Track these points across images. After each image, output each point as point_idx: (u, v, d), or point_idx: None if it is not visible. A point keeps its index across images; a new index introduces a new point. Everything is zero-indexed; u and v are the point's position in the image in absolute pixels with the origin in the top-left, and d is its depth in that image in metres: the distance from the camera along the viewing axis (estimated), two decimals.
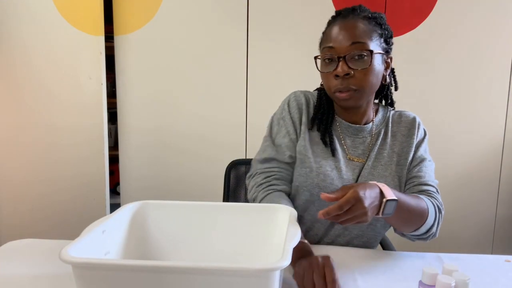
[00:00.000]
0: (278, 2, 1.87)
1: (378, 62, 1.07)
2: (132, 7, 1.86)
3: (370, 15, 1.08)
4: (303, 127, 1.17)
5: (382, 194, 0.93)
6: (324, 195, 0.89)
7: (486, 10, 1.90)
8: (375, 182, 0.95)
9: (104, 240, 0.84)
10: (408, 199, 1.03)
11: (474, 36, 1.92)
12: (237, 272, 0.68)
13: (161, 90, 1.94)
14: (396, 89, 1.22)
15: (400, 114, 1.22)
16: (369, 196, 0.89)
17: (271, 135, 1.20)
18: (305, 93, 1.22)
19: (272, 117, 1.23)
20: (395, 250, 1.22)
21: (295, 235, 0.78)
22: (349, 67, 1.04)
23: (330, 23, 1.11)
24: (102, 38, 1.83)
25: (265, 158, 1.17)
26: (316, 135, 1.17)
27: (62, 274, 0.98)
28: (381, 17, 1.11)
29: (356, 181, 1.13)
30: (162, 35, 1.89)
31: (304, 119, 1.18)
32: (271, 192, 1.13)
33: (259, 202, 1.12)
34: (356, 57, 1.04)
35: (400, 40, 1.90)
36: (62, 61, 1.84)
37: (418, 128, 1.19)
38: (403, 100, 1.95)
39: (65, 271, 1.00)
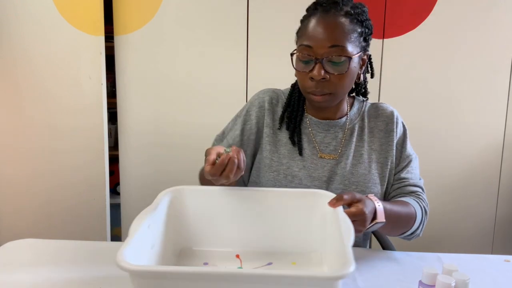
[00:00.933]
0: (278, 1, 1.87)
1: (354, 65, 1.05)
2: (132, 7, 1.86)
3: (352, 10, 1.04)
4: (266, 129, 1.14)
5: (375, 213, 0.94)
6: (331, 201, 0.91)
7: (486, 10, 1.90)
8: (374, 199, 0.96)
9: (149, 234, 0.83)
10: (398, 210, 1.04)
11: (474, 36, 1.92)
12: (301, 280, 0.66)
13: (161, 90, 1.94)
14: (372, 76, 1.18)
15: (377, 107, 1.19)
16: (369, 218, 0.92)
17: (224, 130, 1.22)
18: (273, 93, 1.19)
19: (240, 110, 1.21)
20: (395, 250, 1.22)
21: (350, 230, 0.78)
22: (326, 71, 1.02)
23: (310, 15, 1.07)
24: (102, 38, 1.83)
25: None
26: (283, 135, 1.14)
27: (62, 273, 0.98)
28: (363, 11, 1.07)
29: (328, 178, 1.11)
30: (162, 35, 1.89)
31: (268, 120, 1.15)
32: None
33: None
34: (334, 61, 1.02)
35: (400, 40, 1.90)
36: (62, 61, 1.84)
37: (397, 123, 1.16)
38: (403, 99, 1.96)
39: (65, 270, 1.00)
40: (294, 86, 1.18)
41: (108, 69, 1.92)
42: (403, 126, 1.19)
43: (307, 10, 1.10)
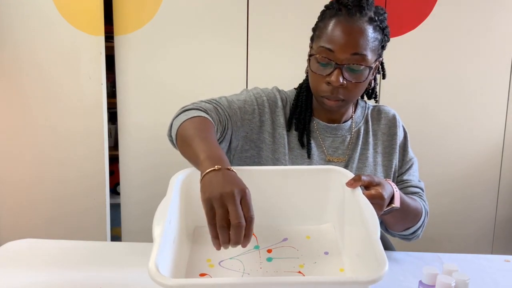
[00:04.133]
0: (278, 1, 1.87)
1: (371, 74, 1.06)
2: (132, 7, 1.86)
3: (376, 17, 1.03)
4: (280, 129, 1.12)
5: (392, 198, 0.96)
6: (349, 182, 0.90)
7: (486, 10, 1.90)
8: (392, 184, 0.98)
9: (170, 228, 0.82)
10: (409, 201, 1.06)
11: (474, 36, 1.92)
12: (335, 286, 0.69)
13: (161, 90, 1.94)
14: (383, 77, 1.16)
15: (379, 110, 1.19)
16: (386, 203, 0.93)
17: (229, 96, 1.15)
18: (282, 93, 1.17)
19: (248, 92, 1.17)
20: (395, 250, 1.22)
21: (375, 220, 0.78)
22: (344, 77, 1.01)
23: (332, 16, 1.03)
24: (102, 38, 1.83)
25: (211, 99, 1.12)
26: (291, 139, 1.13)
27: (62, 273, 0.98)
28: (385, 18, 1.06)
29: None
30: (162, 35, 1.89)
31: (281, 120, 1.13)
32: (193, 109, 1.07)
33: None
34: (353, 69, 1.01)
35: (400, 40, 1.90)
36: (62, 61, 1.84)
37: (399, 127, 1.18)
38: (403, 99, 1.95)
39: (65, 270, 1.00)
40: (302, 86, 1.16)
41: (108, 69, 1.92)
42: (404, 129, 1.20)
43: (328, 7, 1.06)
